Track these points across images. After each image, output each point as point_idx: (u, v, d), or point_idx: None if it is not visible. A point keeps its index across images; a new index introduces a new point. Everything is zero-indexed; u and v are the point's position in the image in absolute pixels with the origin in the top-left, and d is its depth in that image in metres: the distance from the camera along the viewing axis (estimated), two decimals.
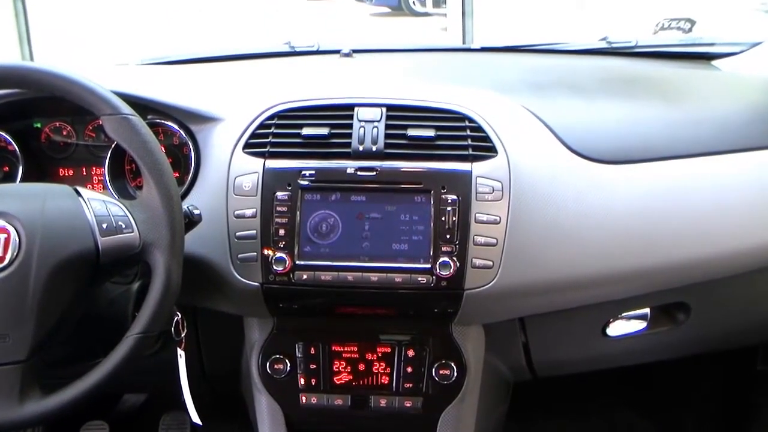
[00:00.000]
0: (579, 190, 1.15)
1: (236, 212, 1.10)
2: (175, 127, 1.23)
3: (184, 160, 1.24)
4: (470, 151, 1.12)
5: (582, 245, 1.14)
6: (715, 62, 1.56)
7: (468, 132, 1.14)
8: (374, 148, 1.11)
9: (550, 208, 1.13)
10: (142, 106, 1.16)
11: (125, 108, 0.99)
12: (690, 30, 2.86)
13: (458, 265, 1.07)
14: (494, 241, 1.08)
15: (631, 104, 1.32)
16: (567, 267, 1.11)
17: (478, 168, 1.10)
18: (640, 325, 1.32)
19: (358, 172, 1.10)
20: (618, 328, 1.32)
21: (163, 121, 1.23)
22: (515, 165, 1.11)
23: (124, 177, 1.26)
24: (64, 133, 1.25)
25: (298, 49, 1.66)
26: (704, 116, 1.28)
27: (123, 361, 0.94)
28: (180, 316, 1.12)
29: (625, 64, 1.59)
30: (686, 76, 1.50)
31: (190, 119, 1.22)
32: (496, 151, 1.12)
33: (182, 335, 1.13)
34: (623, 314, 1.31)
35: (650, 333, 1.32)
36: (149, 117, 1.23)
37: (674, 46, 1.73)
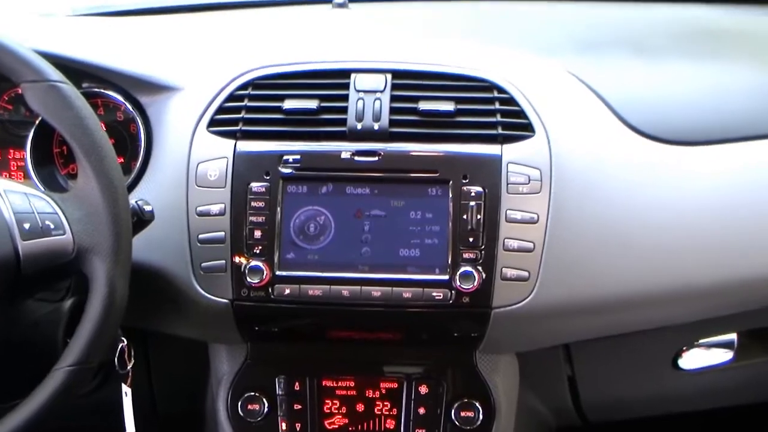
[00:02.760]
0: (641, 180, 1.16)
1: (199, 209, 1.11)
2: (119, 98, 1.23)
3: (131, 142, 1.24)
4: (500, 130, 1.12)
5: (646, 251, 1.13)
6: None
7: (497, 105, 1.14)
8: (376, 127, 1.12)
9: (603, 203, 1.12)
10: (75, 70, 1.16)
11: (53, 73, 0.99)
12: None
13: (484, 276, 1.08)
14: (530, 245, 1.09)
15: (712, 67, 1.33)
16: (626, 279, 1.13)
17: (510, 152, 1.11)
18: (725, 355, 1.32)
19: (356, 157, 1.11)
20: (694, 359, 1.33)
21: (103, 91, 1.24)
22: (558, 148, 1.11)
23: (53, 163, 1.27)
24: None
25: None
26: None
27: (50, 402, 0.94)
28: (125, 342, 1.13)
29: (706, 14, 1.55)
30: None
31: (138, 88, 1.22)
32: (533, 130, 1.13)
33: (128, 367, 1.14)
34: (701, 341, 1.32)
35: (738, 366, 1.32)
36: (85, 85, 1.23)
37: None
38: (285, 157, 1.12)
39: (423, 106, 1.13)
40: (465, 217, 1.09)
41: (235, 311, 1.13)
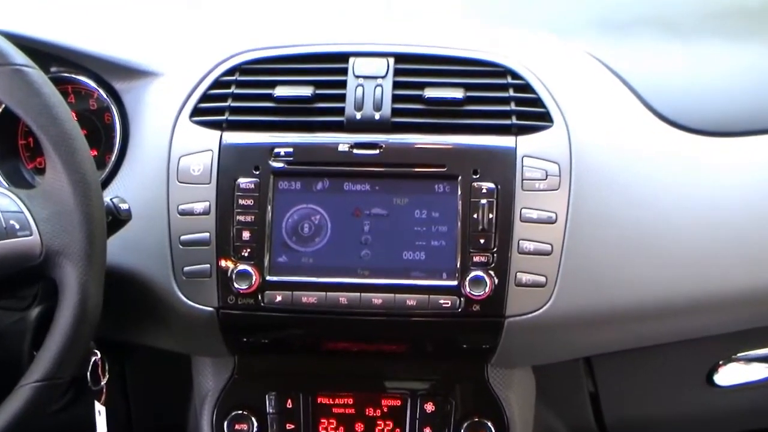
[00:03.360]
0: (671, 176, 1.16)
1: (181, 207, 1.11)
2: (92, 84, 1.23)
3: (106, 133, 1.24)
4: (514, 120, 1.12)
5: (675, 254, 1.14)
6: None
7: (511, 92, 1.14)
8: (377, 116, 1.12)
9: (628, 201, 1.13)
10: (42, 53, 1.16)
11: (17, 56, 0.99)
12: None
13: (496, 281, 1.08)
14: (548, 247, 1.09)
15: (751, 49, 1.33)
16: (654, 285, 1.12)
17: (526, 144, 1.11)
18: (766, 371, 1.32)
19: (355, 150, 1.11)
20: (731, 374, 1.31)
21: (73, 76, 1.24)
22: (579, 139, 1.11)
23: (18, 156, 1.27)
24: None
25: None
26: None
27: (15, 422, 0.93)
28: (99, 355, 1.12)
29: None
30: None
31: (113, 74, 1.22)
32: (551, 120, 1.13)
33: (102, 383, 1.13)
34: (739, 355, 1.30)
35: None
36: (53, 70, 1.23)
37: None
38: (276, 150, 1.12)
39: (429, 93, 1.13)
40: (475, 216, 1.09)
41: (220, 320, 1.12)
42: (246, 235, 1.10)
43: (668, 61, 1.27)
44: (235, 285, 1.09)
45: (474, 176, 1.09)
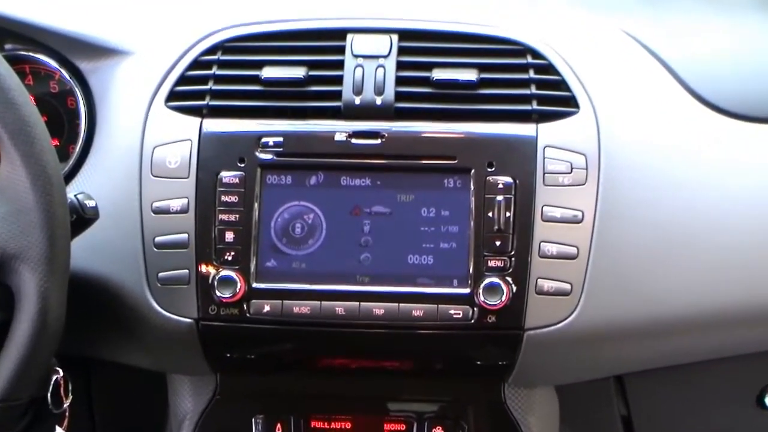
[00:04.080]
0: (714, 168, 1.14)
1: (156, 204, 1.11)
2: (53, 64, 1.23)
3: (69, 120, 1.24)
4: (535, 106, 1.12)
5: (719, 257, 1.13)
6: None
7: (531, 74, 1.14)
8: (379, 101, 1.12)
9: (665, 197, 1.12)
10: None
11: None
12: None
13: (514, 289, 1.08)
14: (573, 250, 1.08)
15: None
16: (694, 293, 1.12)
17: (548, 132, 1.10)
18: None
19: (353, 140, 1.11)
20: None
21: (32, 54, 1.23)
22: (608, 127, 1.11)
23: None
24: None
25: None
26: None
27: None
28: (62, 374, 1.10)
29: None
30: None
31: (77, 52, 1.22)
32: (576, 105, 1.12)
33: (65, 405, 1.11)
34: None
35: None
36: (8, 47, 1.23)
37: None
38: (264, 140, 1.11)
39: (437, 74, 1.13)
40: (490, 214, 1.08)
41: (200, 333, 1.12)
42: (229, 236, 1.09)
43: (712, 40, 1.26)
44: (217, 293, 1.08)
45: (489, 169, 1.08)
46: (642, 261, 1.11)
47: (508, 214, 1.08)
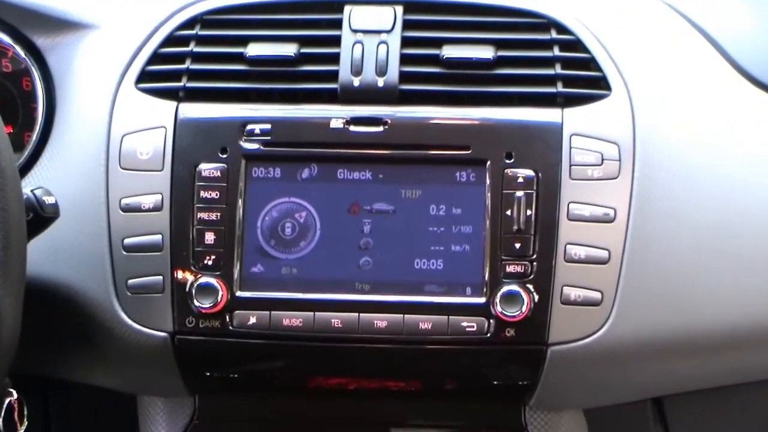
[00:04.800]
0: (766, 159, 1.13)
1: (125, 201, 1.10)
2: (6, 39, 1.22)
3: (24, 104, 1.23)
4: (560, 88, 1.11)
5: None
6: None
7: (556, 51, 1.12)
8: (381, 82, 1.11)
9: (709, 193, 1.10)
10: None
11: None
12: None
13: (537, 298, 1.07)
14: (604, 254, 1.07)
15: None
16: (746, 303, 1.11)
17: (576, 118, 1.09)
18: None
19: (352, 127, 1.10)
20: None
21: None
22: (644, 113, 1.10)
23: None
24: None
25: None
26: None
27: None
28: (16, 396, 1.09)
29: None
30: None
31: (33, 25, 1.21)
32: (608, 87, 1.11)
33: (20, 431, 1.11)
34: None
35: None
36: None
37: None
38: (249, 127, 1.10)
39: (448, 52, 1.11)
40: (509, 213, 1.07)
41: (177, 349, 1.11)
42: (209, 237, 1.08)
43: (763, 13, 1.25)
44: (196, 303, 1.08)
45: (507, 161, 1.07)
46: (683, 266, 1.10)
47: (529, 212, 1.07)
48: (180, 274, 1.08)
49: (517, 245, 1.06)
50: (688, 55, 1.17)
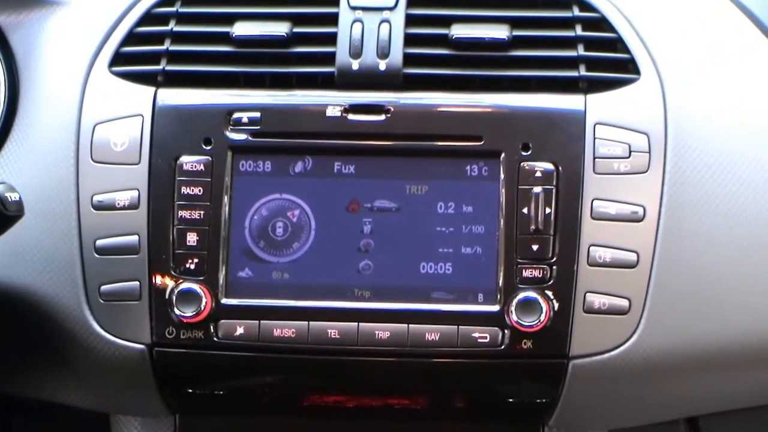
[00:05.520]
0: None
1: (98, 198, 1.10)
2: None
3: None
4: (583, 71, 1.11)
5: None
6: None
7: (579, 31, 1.12)
8: (383, 66, 1.11)
9: (752, 188, 1.09)
10: None
11: None
12: None
13: (557, 306, 1.06)
14: (632, 257, 1.07)
15: None
16: None
17: (600, 105, 1.09)
18: None
19: (350, 116, 1.09)
20: None
21: None
22: (678, 99, 1.09)
23: None
24: None
25: None
26: None
27: None
28: None
29: None
30: None
31: None
32: (637, 71, 1.11)
33: None
34: None
35: None
36: None
37: None
38: (236, 115, 1.09)
39: (458, 31, 1.11)
40: (526, 211, 1.06)
41: (155, 363, 1.10)
42: (192, 238, 1.08)
43: None
44: (176, 311, 1.07)
45: (524, 153, 1.07)
46: (720, 269, 1.09)
47: (548, 210, 1.06)
48: (159, 280, 1.08)
49: (535, 247, 1.06)
50: (725, 34, 1.17)
